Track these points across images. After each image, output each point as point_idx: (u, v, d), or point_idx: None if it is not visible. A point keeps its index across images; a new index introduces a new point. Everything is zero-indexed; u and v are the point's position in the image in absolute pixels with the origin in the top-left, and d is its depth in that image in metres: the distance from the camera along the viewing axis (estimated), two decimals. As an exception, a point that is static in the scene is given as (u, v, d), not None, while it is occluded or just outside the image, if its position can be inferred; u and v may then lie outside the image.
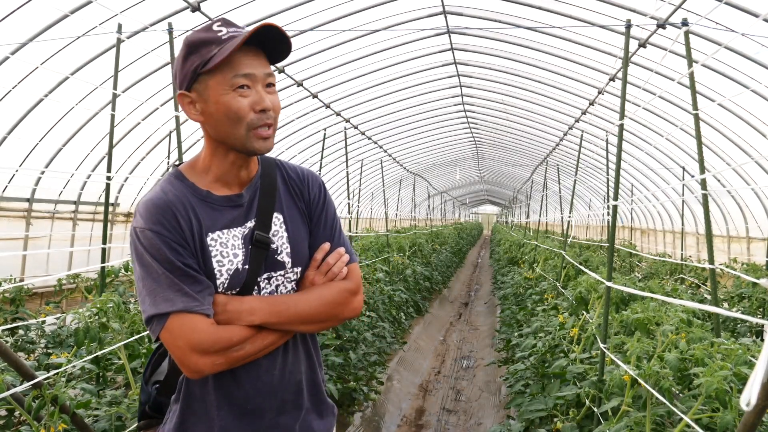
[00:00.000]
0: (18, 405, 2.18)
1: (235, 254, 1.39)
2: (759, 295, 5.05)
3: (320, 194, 1.53)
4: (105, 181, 3.70)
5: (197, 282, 1.32)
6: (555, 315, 5.13)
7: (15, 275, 6.23)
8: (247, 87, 1.33)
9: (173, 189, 1.38)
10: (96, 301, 2.94)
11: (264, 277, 1.43)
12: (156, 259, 1.31)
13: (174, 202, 1.35)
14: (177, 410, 1.42)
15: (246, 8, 6.38)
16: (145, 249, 1.31)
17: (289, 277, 1.46)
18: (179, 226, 1.33)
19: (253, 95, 1.34)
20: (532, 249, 10.62)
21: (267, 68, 1.36)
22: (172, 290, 1.29)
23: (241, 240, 1.40)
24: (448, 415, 5.47)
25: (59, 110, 7.19)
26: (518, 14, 7.36)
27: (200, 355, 1.29)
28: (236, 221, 1.41)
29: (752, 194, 9.28)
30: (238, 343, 1.32)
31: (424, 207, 24.32)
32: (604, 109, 9.13)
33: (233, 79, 1.32)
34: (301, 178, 1.53)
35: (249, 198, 1.44)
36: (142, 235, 1.32)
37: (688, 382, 2.35)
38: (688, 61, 3.22)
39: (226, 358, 1.32)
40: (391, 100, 11.17)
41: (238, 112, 1.32)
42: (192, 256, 1.34)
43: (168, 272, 1.30)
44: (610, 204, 3.81)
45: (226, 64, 1.32)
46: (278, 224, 1.46)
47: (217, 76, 1.33)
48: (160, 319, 1.30)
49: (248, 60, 1.33)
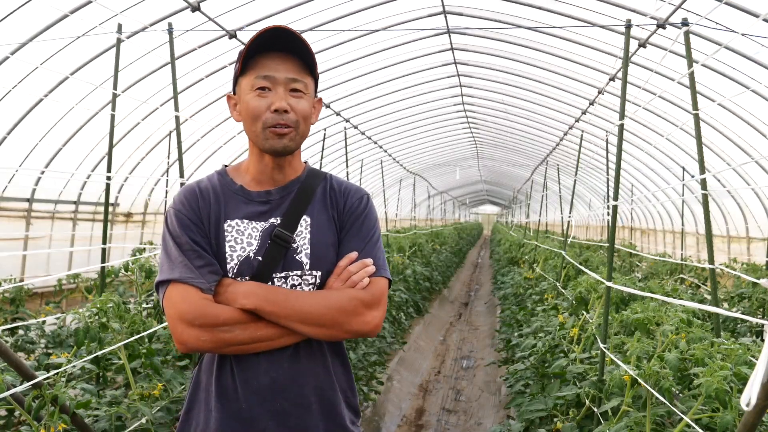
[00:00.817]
0: (18, 405, 2.18)
1: (249, 243, 1.44)
2: (759, 295, 5.05)
3: (359, 205, 1.53)
4: (105, 181, 3.69)
5: (200, 257, 1.40)
6: (555, 315, 5.13)
7: (15, 275, 6.23)
8: (267, 89, 1.41)
9: (209, 180, 1.51)
10: (96, 301, 2.94)
11: (281, 275, 1.44)
12: (172, 236, 1.42)
13: (202, 188, 1.48)
14: (187, 396, 1.48)
15: (246, 8, 6.38)
16: (167, 226, 1.45)
17: (307, 279, 1.45)
18: (198, 208, 1.45)
19: (271, 96, 1.41)
20: (532, 249, 10.62)
21: (292, 73, 1.42)
22: (175, 263, 1.38)
23: (260, 232, 1.45)
24: (448, 415, 5.47)
25: (59, 110, 7.19)
26: (518, 14, 7.36)
27: (185, 326, 1.34)
28: (260, 215, 1.46)
29: (752, 194, 9.27)
30: (225, 323, 1.34)
31: (424, 207, 24.32)
32: (604, 109, 9.13)
33: (255, 80, 1.41)
34: (343, 189, 1.55)
35: (279, 197, 1.49)
36: (168, 214, 1.46)
37: (688, 382, 2.35)
38: (688, 61, 3.22)
39: (211, 335, 1.33)
40: (391, 100, 11.17)
41: (254, 110, 1.41)
42: (204, 235, 1.43)
43: (177, 247, 1.40)
44: (610, 204, 3.81)
45: (251, 67, 1.42)
46: (304, 226, 1.47)
47: (246, 78, 1.43)
48: (162, 286, 1.40)
49: (271, 63, 1.41)
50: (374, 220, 1.55)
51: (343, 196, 1.54)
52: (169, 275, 1.38)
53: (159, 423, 2.69)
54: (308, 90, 1.45)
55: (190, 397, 1.47)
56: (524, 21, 7.34)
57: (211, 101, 8.51)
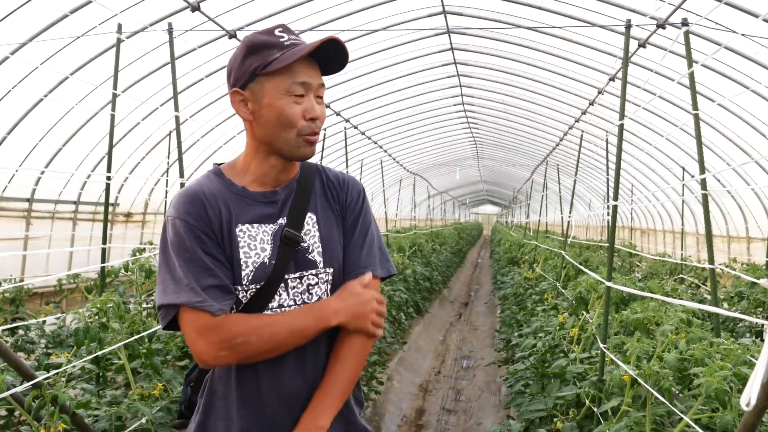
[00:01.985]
0: (18, 405, 2.18)
1: (263, 248, 1.40)
2: (758, 295, 5.05)
3: (358, 200, 1.54)
4: (105, 181, 3.70)
5: (213, 276, 1.34)
6: (555, 315, 5.13)
7: (15, 275, 6.23)
8: (302, 95, 1.37)
9: (208, 182, 1.42)
10: (96, 301, 2.94)
11: (295, 275, 1.43)
12: (176, 250, 1.34)
13: (206, 192, 1.39)
14: (200, 407, 1.44)
15: (246, 8, 6.38)
16: (170, 238, 1.35)
17: (322, 278, 1.45)
18: (207, 216, 1.36)
19: (305, 103, 1.38)
20: (532, 249, 10.61)
21: (320, 79, 1.41)
22: (181, 284, 1.32)
23: (271, 236, 1.42)
24: (448, 415, 5.47)
25: (59, 110, 7.19)
26: (518, 14, 7.36)
27: (204, 346, 1.31)
28: (268, 218, 1.43)
29: (752, 194, 9.27)
30: (239, 335, 1.32)
31: (424, 207, 24.32)
32: (604, 109, 9.13)
33: (291, 85, 1.36)
34: (341, 182, 1.54)
35: (284, 196, 1.46)
36: (171, 224, 1.36)
37: (688, 382, 2.35)
38: (688, 61, 3.22)
39: (230, 351, 1.32)
40: (391, 100, 11.17)
41: (290, 117, 1.37)
42: (218, 245, 1.37)
43: (186, 262, 1.33)
44: (610, 204, 3.81)
45: (286, 71, 1.36)
46: (311, 224, 1.46)
47: (276, 79, 1.36)
48: (166, 311, 1.34)
49: (306, 69, 1.37)
50: (370, 212, 1.57)
51: (342, 191, 1.53)
52: (175, 299, 1.32)
53: (159, 423, 2.69)
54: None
55: (206, 406, 1.43)
56: (524, 21, 7.34)
57: (211, 101, 8.51)
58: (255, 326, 1.33)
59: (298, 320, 1.36)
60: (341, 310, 1.39)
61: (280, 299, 1.41)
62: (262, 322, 1.34)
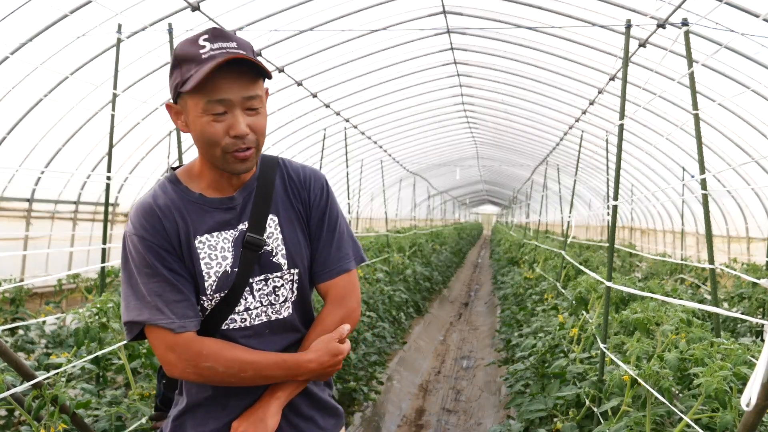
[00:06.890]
0: (18, 405, 2.18)
1: (224, 257, 1.38)
2: (759, 295, 5.05)
3: (322, 195, 1.49)
4: (105, 181, 3.70)
5: (175, 291, 1.33)
6: (555, 315, 5.13)
7: (15, 275, 6.23)
8: (223, 113, 1.29)
9: (164, 193, 1.39)
10: (96, 301, 2.94)
11: (260, 278, 1.42)
12: (137, 266, 1.33)
13: (161, 206, 1.36)
14: (183, 401, 1.46)
15: (245, 8, 6.38)
16: (129, 254, 1.35)
17: (287, 278, 1.45)
18: (163, 230, 1.34)
19: (228, 119, 1.30)
20: (532, 249, 10.61)
21: (247, 90, 1.30)
22: (143, 300, 1.32)
23: (232, 243, 1.39)
24: (448, 415, 5.47)
25: (59, 110, 7.19)
26: (518, 14, 7.35)
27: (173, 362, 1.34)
28: (228, 224, 1.40)
29: (752, 194, 9.27)
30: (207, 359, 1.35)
31: (424, 207, 24.32)
32: (604, 109, 9.13)
33: (207, 104, 1.29)
34: (302, 179, 1.49)
35: (243, 200, 1.42)
36: (129, 240, 1.36)
37: (688, 382, 2.34)
38: (688, 61, 3.22)
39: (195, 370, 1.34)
40: (391, 99, 11.17)
41: (212, 137, 1.31)
42: (178, 259, 1.36)
43: (147, 278, 1.32)
44: (610, 204, 3.81)
45: (201, 88, 1.27)
46: (273, 226, 1.43)
47: (195, 97, 1.29)
48: (130, 327, 1.35)
49: (225, 84, 1.28)
50: (336, 204, 1.54)
51: (305, 188, 1.48)
52: (137, 316, 1.32)
53: (159, 423, 2.69)
54: (263, 100, 1.35)
55: (188, 400, 1.46)
56: (524, 21, 7.34)
57: (211, 101, 8.49)
58: (226, 357, 1.33)
59: (269, 369, 1.36)
60: (314, 369, 1.39)
61: (246, 303, 1.41)
62: (234, 356, 1.34)
